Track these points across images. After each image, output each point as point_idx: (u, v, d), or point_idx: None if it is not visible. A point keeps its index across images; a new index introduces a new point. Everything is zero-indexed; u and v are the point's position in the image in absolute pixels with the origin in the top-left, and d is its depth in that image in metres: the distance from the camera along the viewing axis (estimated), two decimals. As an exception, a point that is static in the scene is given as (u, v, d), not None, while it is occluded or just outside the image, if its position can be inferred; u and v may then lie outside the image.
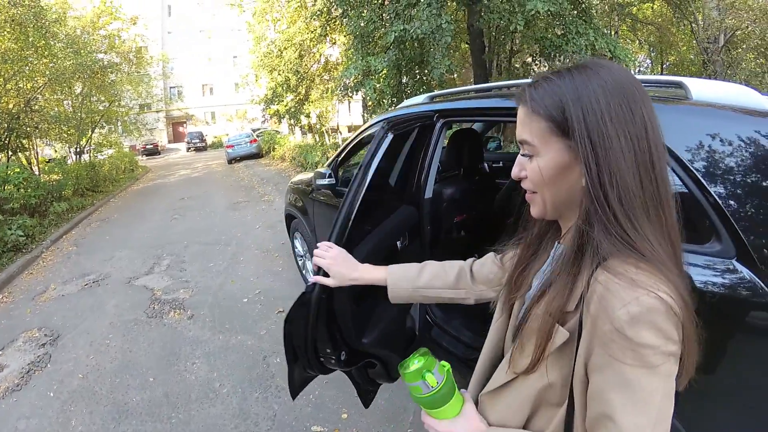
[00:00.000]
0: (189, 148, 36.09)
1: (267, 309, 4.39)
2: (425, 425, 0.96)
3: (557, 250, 0.90)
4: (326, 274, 1.31)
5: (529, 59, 11.86)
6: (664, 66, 19.32)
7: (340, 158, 3.61)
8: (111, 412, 3.09)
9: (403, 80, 10.27)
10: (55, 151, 16.35)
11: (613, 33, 16.91)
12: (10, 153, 10.42)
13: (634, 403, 0.69)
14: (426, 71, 9.33)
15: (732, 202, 1.27)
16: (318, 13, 12.53)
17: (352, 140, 3.56)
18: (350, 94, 11.28)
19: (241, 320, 4.21)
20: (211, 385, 3.25)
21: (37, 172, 11.71)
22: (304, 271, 4.74)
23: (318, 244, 1.36)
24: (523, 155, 0.86)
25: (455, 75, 12.78)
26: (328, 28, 13.30)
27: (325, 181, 3.48)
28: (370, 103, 10.50)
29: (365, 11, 9.82)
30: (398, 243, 2.14)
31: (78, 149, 15.74)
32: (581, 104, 0.74)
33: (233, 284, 5.14)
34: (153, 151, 34.54)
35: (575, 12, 9.21)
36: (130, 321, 4.46)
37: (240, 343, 3.81)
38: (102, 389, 3.36)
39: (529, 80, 0.88)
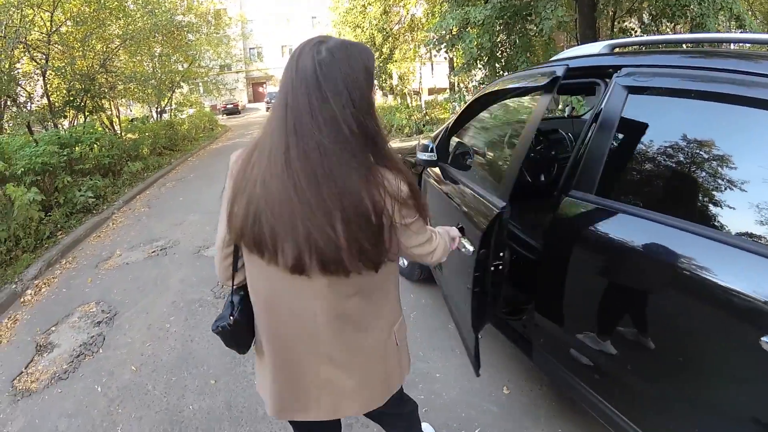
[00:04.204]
0: (269, 108, 36.35)
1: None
2: None
3: None
4: None
5: (647, 19, 10.22)
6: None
7: (448, 130, 2.88)
8: (162, 420, 2.57)
9: (500, 39, 9.00)
10: (138, 110, 16.59)
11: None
12: (87, 114, 10.27)
13: None
14: (535, 25, 8.07)
15: None
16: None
17: (465, 110, 2.82)
18: (445, 49, 10.09)
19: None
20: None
21: (118, 132, 11.70)
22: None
23: None
24: None
25: (564, 34, 11.33)
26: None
27: (425, 156, 2.82)
28: (459, 62, 9.37)
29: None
30: None
31: (159, 109, 15.94)
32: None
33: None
34: (233, 111, 35.15)
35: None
36: (194, 301, 3.95)
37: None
38: (156, 389, 2.85)
39: None
